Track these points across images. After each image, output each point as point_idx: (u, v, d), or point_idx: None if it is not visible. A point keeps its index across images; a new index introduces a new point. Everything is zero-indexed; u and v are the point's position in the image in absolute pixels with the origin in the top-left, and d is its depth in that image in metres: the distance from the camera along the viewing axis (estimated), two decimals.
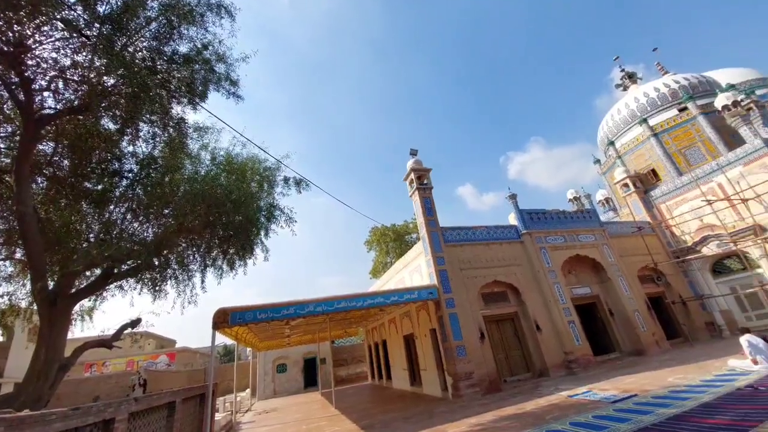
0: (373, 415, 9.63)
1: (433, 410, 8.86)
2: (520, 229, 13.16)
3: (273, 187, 9.70)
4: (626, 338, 12.47)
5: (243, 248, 8.74)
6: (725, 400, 5.43)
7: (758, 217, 12.35)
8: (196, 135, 8.58)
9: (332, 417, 10.49)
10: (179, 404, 5.96)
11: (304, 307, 9.15)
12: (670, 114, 17.40)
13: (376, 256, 30.45)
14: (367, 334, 21.65)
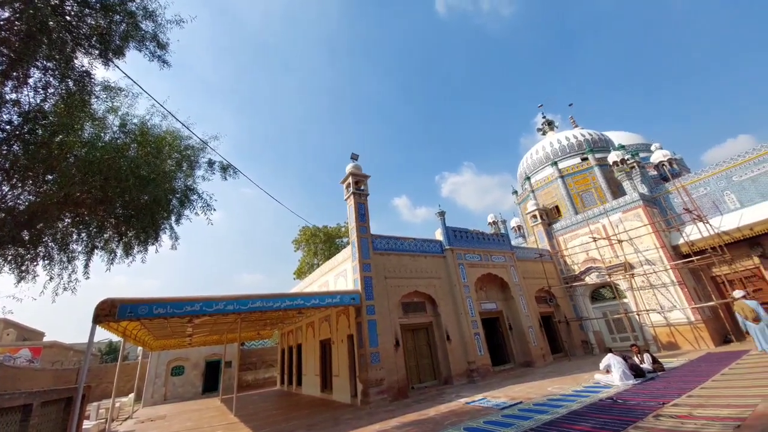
0: (276, 423, 9.14)
1: (340, 417, 8.75)
2: (444, 244, 13.99)
3: (194, 168, 8.79)
4: (520, 351, 13.99)
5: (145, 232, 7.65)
6: (589, 409, 6.37)
7: (629, 256, 15.04)
8: (105, 95, 7.37)
9: (229, 426, 9.68)
10: (37, 408, 4.93)
11: (212, 304, 8.34)
12: (575, 161, 20.37)
13: (303, 256, 29.50)
14: (282, 337, 20.67)
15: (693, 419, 4.98)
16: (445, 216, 14.78)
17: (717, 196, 14.11)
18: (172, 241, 8.48)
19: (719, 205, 13.97)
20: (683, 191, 14.82)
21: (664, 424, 4.99)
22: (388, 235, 12.85)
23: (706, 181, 14.52)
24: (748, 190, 13.36)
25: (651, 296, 14.05)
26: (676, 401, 6.04)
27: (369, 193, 12.87)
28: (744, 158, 13.61)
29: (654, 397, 6.49)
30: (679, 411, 5.47)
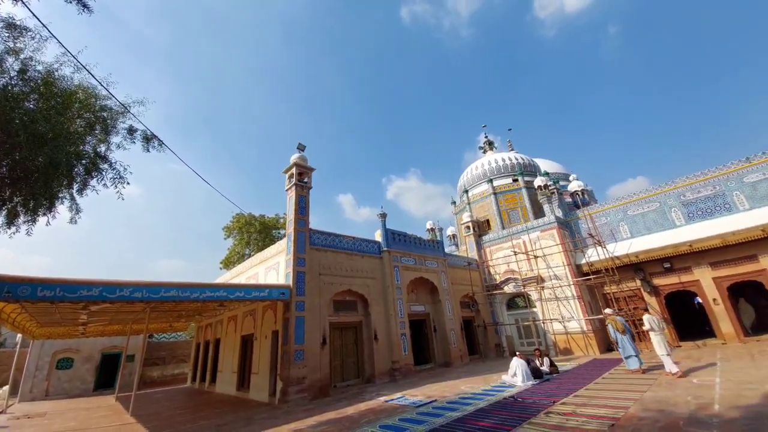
0: (179, 424, 8.38)
1: (254, 417, 8.35)
2: (383, 246, 14.22)
3: (109, 133, 7.69)
4: (441, 352, 14.81)
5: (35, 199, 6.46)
6: (494, 407, 6.97)
7: (541, 271, 16.86)
8: (7, 34, 6.11)
9: (122, 427, 8.62)
10: None
11: (115, 289, 7.37)
12: (507, 181, 22.27)
13: (234, 245, 27.61)
14: (199, 331, 19.07)
15: (576, 416, 5.74)
16: (387, 218, 15.04)
17: (614, 225, 16.56)
18: (72, 213, 7.29)
19: (615, 234, 16.41)
20: (589, 219, 17.13)
21: (553, 420, 5.67)
22: (328, 232, 12.66)
23: (607, 212, 16.96)
24: (637, 223, 15.92)
25: (555, 307, 15.93)
26: (564, 400, 6.91)
27: (312, 186, 12.55)
28: (636, 197, 16.21)
29: (547, 396, 7.36)
30: (565, 409, 6.26)
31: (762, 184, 13.09)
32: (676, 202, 14.92)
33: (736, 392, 6.04)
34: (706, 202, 14.16)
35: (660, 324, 9.08)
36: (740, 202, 13.39)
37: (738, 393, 5.97)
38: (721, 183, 13.96)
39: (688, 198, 14.62)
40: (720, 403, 5.51)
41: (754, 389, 6.07)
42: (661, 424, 4.91)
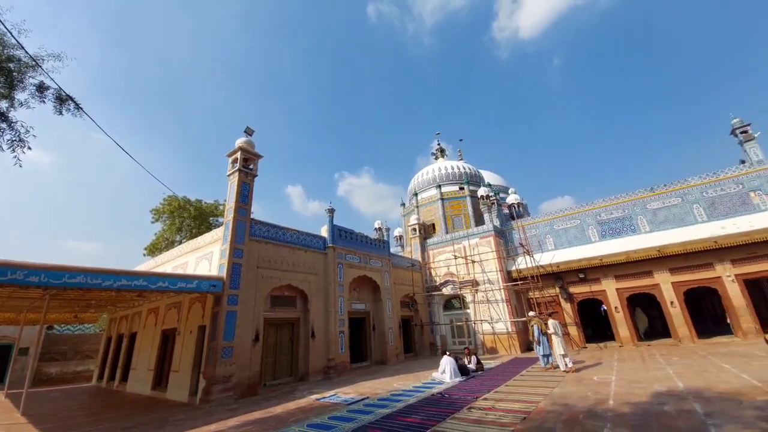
0: (78, 426, 7.37)
1: (169, 418, 7.65)
2: (328, 241, 13.98)
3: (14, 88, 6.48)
4: (378, 349, 15.01)
5: None
6: (423, 403, 7.21)
7: (477, 275, 17.94)
8: None
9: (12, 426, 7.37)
10: None
11: (6, 271, 6.28)
12: (454, 188, 23.36)
13: (162, 230, 25.10)
14: (111, 323, 17.00)
15: (495, 411, 6.17)
16: (335, 214, 14.83)
17: (542, 237, 18.23)
18: None
19: (542, 245, 18.07)
20: (521, 230, 18.65)
21: (474, 414, 6.03)
22: (271, 223, 12.10)
23: (537, 225, 18.62)
24: (561, 237, 17.71)
25: (486, 309, 17.06)
26: (486, 396, 7.41)
27: (258, 174, 11.90)
28: (562, 214, 18.03)
29: (471, 393, 7.82)
30: (486, 404, 6.70)
31: (661, 211, 15.37)
32: (593, 221, 16.89)
33: (628, 390, 6.97)
34: (617, 223, 16.25)
35: (560, 329, 10.24)
36: (643, 225, 15.58)
37: (629, 391, 6.89)
38: (629, 207, 16.12)
39: (603, 218, 16.65)
40: (614, 399, 6.32)
41: (642, 388, 7.05)
42: (565, 417, 5.48)
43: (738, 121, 14.52)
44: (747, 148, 14.22)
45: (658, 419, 4.96)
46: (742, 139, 14.35)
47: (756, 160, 13.91)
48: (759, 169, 13.73)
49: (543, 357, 10.49)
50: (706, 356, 10.06)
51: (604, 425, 4.90)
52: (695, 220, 14.47)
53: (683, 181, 15.13)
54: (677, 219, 14.89)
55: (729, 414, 4.82)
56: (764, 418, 4.42)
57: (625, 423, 4.92)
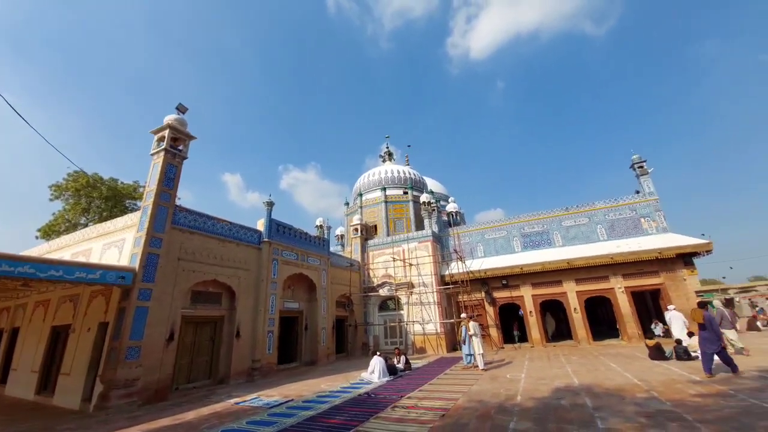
0: None
1: (56, 427, 6.58)
2: (264, 236, 13.27)
3: None
4: (308, 350, 14.62)
5: None
6: (348, 404, 7.17)
7: (413, 278, 18.51)
8: None
9: None
10: None
11: None
12: (399, 192, 23.89)
13: (64, 209, 21.55)
14: None
15: (417, 409, 6.37)
16: (274, 207, 14.13)
17: (474, 245, 19.50)
18: None
19: (473, 252, 19.33)
20: (456, 237, 19.74)
21: (397, 413, 6.17)
22: (198, 211, 11.11)
23: (470, 233, 19.88)
24: (490, 246, 19.13)
25: (419, 311, 17.69)
26: (410, 394, 7.63)
27: (188, 157, 10.85)
28: (492, 225, 19.51)
29: (397, 392, 8.01)
30: (409, 402, 6.90)
31: (572, 228, 17.45)
32: (518, 233, 18.55)
33: (534, 386, 7.73)
34: (537, 237, 18.06)
35: (479, 330, 11.06)
36: (557, 240, 17.54)
37: (535, 387, 7.64)
38: (547, 223, 18.03)
39: (526, 231, 18.38)
40: (522, 395, 6.95)
41: (546, 384, 7.87)
42: (479, 412, 5.88)
43: (637, 157, 17.14)
44: (642, 180, 16.85)
45: (556, 412, 5.57)
46: (638, 173, 16.96)
47: (648, 191, 16.54)
48: (649, 199, 16.36)
49: (466, 356, 11.22)
50: (598, 356, 11.62)
51: (511, 419, 5.35)
52: (598, 238, 16.72)
53: (591, 204, 17.40)
54: (584, 236, 17.05)
55: (613, 408, 5.59)
56: (642, 414, 5.18)
57: (528, 417, 5.44)
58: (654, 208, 16.16)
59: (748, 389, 5.95)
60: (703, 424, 4.43)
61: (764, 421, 4.27)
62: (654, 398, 5.98)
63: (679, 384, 6.87)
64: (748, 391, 5.85)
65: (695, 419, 4.66)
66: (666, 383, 7.02)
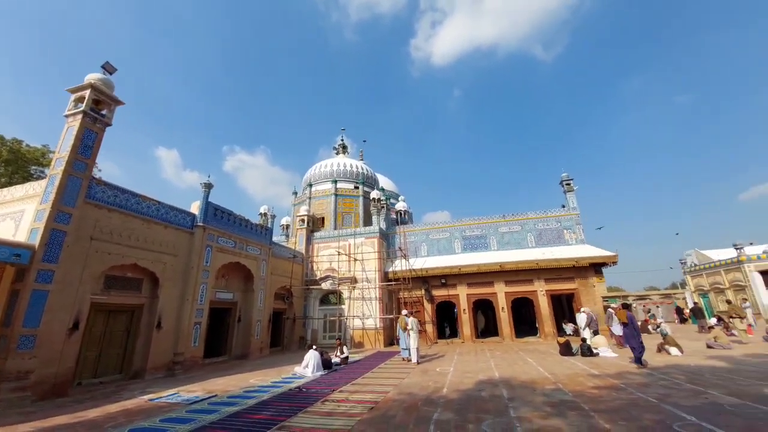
0: None
1: None
2: (198, 220, 12.28)
3: None
4: (240, 343, 13.91)
5: None
6: (277, 399, 6.96)
7: (357, 273, 18.55)
8: None
9: None
10: None
11: None
12: (350, 186, 23.71)
13: None
14: None
15: (348, 403, 6.41)
16: (212, 190, 13.13)
17: (418, 244, 20.14)
18: None
19: (418, 251, 19.96)
20: (403, 235, 20.23)
21: (327, 407, 6.14)
22: (121, 187, 9.92)
23: (416, 233, 20.50)
24: (434, 246, 19.91)
25: (360, 306, 17.81)
26: (343, 388, 7.66)
27: (113, 124, 9.62)
28: (437, 226, 20.33)
29: (329, 386, 7.98)
30: (341, 396, 6.92)
31: (507, 234, 18.86)
32: (459, 235, 19.57)
33: (460, 379, 8.22)
34: (476, 240, 19.23)
35: (416, 326, 11.50)
36: (493, 244, 18.85)
37: (460, 380, 8.14)
38: (486, 228, 19.29)
39: (467, 234, 19.47)
40: (448, 387, 7.36)
41: (470, 377, 8.41)
42: (407, 404, 6.09)
43: (565, 175, 19.04)
44: (568, 196, 18.77)
45: (476, 403, 5.99)
46: (565, 189, 18.86)
47: (572, 206, 18.48)
48: (572, 213, 18.30)
49: (403, 350, 11.56)
50: (518, 352, 12.75)
51: (435, 410, 5.63)
52: (527, 245, 18.32)
53: (524, 214, 18.98)
54: (516, 242, 18.56)
55: (525, 399, 6.17)
56: (549, 403, 5.78)
57: (451, 407, 5.77)
58: (575, 222, 18.13)
59: (636, 384, 6.95)
60: (597, 413, 5.08)
61: (649, 413, 4.98)
62: (559, 390, 6.72)
63: (581, 377, 7.81)
64: (637, 385, 6.82)
65: (591, 409, 5.33)
66: (570, 376, 7.94)
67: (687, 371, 7.94)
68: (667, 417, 4.72)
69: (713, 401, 5.37)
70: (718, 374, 7.41)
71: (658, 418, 4.69)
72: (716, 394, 5.73)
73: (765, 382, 6.43)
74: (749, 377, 6.94)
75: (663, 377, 7.41)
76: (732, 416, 4.57)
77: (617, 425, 4.50)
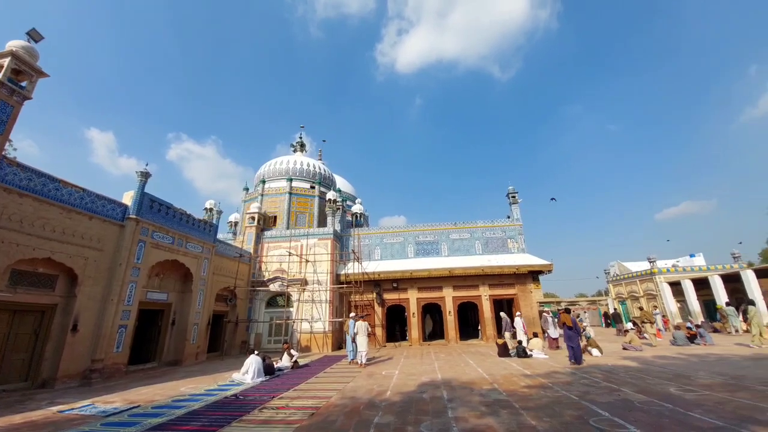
0: None
1: None
2: (131, 211, 11.17)
3: None
4: (173, 348, 12.81)
5: None
6: (210, 408, 6.49)
7: (308, 275, 18.10)
8: None
9: None
10: None
11: None
12: (305, 185, 23.15)
13: None
14: None
15: (287, 409, 6.17)
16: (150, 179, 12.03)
17: (372, 248, 20.22)
18: None
19: (371, 254, 20.02)
20: (357, 238, 20.18)
21: (264, 414, 5.86)
22: (37, 169, 8.72)
23: (371, 236, 20.57)
24: (387, 250, 20.11)
25: (309, 308, 17.38)
26: (284, 394, 7.37)
27: (33, 97, 8.44)
28: (392, 230, 20.61)
29: (270, 392, 7.63)
30: (281, 403, 6.65)
31: (457, 242, 19.66)
32: (413, 240, 20.01)
33: (404, 381, 8.33)
34: (428, 246, 19.79)
35: (365, 329, 11.54)
36: (444, 250, 19.52)
37: (404, 382, 8.24)
38: (438, 234, 19.94)
39: (420, 240, 19.97)
40: (391, 390, 7.41)
41: (414, 379, 8.56)
42: (349, 409, 6.02)
43: (512, 188, 20.36)
44: (513, 208, 20.08)
45: (417, 405, 6.10)
46: (511, 201, 20.17)
47: (515, 218, 19.80)
48: (516, 224, 19.60)
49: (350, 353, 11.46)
50: (461, 354, 13.27)
51: (376, 413, 5.63)
52: (475, 252, 19.25)
53: (474, 222, 19.96)
54: (465, 249, 19.42)
55: (463, 399, 6.41)
56: (484, 403, 6.05)
57: (393, 410, 5.82)
58: (518, 232, 19.45)
59: (562, 383, 7.56)
60: (526, 411, 5.44)
61: (570, 410, 5.42)
62: (495, 389, 7.09)
63: (515, 377, 8.32)
64: (562, 384, 7.43)
65: (521, 407, 5.69)
66: (506, 377, 8.43)
67: (605, 370, 8.83)
68: (585, 413, 5.19)
69: (625, 398, 6.01)
70: (631, 373, 8.34)
71: (578, 414, 5.14)
72: (628, 392, 6.43)
73: (670, 381, 7.34)
74: (656, 376, 7.89)
75: (584, 376, 8.16)
76: (640, 412, 5.14)
77: (542, 421, 4.85)
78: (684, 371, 8.36)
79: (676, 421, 4.61)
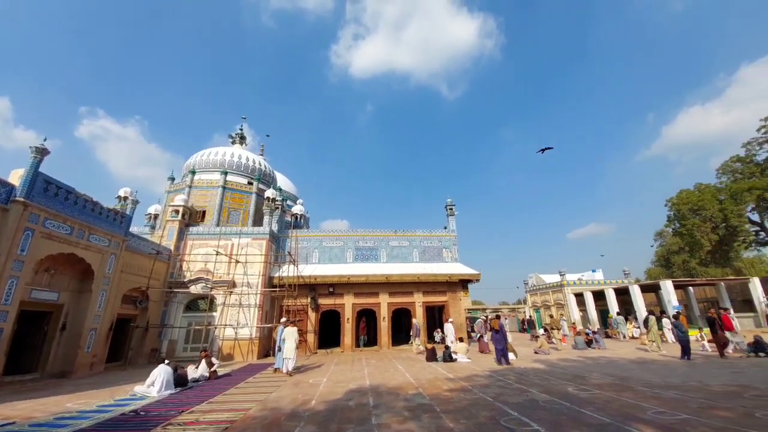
0: None
1: None
2: (17, 193, 9.33)
3: None
4: (62, 357, 10.87)
5: None
6: (102, 426, 5.60)
7: (237, 276, 16.85)
8: None
9: None
10: None
11: None
12: (242, 180, 21.67)
13: None
14: None
15: (197, 425, 5.58)
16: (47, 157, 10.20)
17: (310, 251, 19.65)
18: None
19: (309, 258, 19.43)
20: (295, 240, 19.46)
21: None
22: None
23: (309, 238, 19.99)
24: (326, 253, 19.70)
25: (236, 313, 16.16)
26: (195, 408, 6.67)
27: None
28: (331, 234, 20.29)
29: (178, 406, 6.85)
30: (191, 418, 6.00)
31: (396, 249, 20.05)
32: (353, 245, 19.91)
33: (331, 389, 8.12)
34: (367, 251, 19.87)
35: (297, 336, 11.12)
36: (383, 257, 19.77)
37: (331, 390, 8.04)
38: (378, 241, 20.15)
39: (360, 245, 19.96)
40: (317, 399, 7.16)
41: (342, 387, 8.39)
42: (268, 421, 5.66)
43: (450, 201, 21.48)
44: (450, 220, 21.17)
45: (342, 413, 5.98)
46: (448, 213, 21.26)
47: (451, 229, 20.89)
48: (451, 234, 20.68)
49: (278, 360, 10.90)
50: (392, 359, 13.44)
51: (298, 425, 5.38)
52: (413, 259, 19.84)
53: (413, 231, 20.60)
54: (403, 257, 19.91)
55: (388, 405, 6.44)
56: (408, 408, 6.15)
57: (315, 420, 5.61)
58: (453, 242, 20.54)
59: (480, 385, 8.05)
60: (445, 414, 5.65)
61: (485, 411, 5.76)
62: (420, 394, 7.28)
63: (439, 381, 8.65)
64: (480, 387, 7.91)
65: (442, 410, 5.90)
66: (431, 381, 8.73)
67: (518, 373, 9.64)
68: (497, 413, 5.57)
69: (532, 398, 6.59)
70: (539, 375, 9.22)
71: (491, 415, 5.49)
72: (535, 393, 7.08)
73: (569, 381, 8.26)
74: (559, 378, 8.82)
75: (500, 379, 8.82)
76: (543, 411, 5.67)
77: (459, 423, 5.08)
78: (581, 372, 9.51)
79: (572, 419, 5.17)
